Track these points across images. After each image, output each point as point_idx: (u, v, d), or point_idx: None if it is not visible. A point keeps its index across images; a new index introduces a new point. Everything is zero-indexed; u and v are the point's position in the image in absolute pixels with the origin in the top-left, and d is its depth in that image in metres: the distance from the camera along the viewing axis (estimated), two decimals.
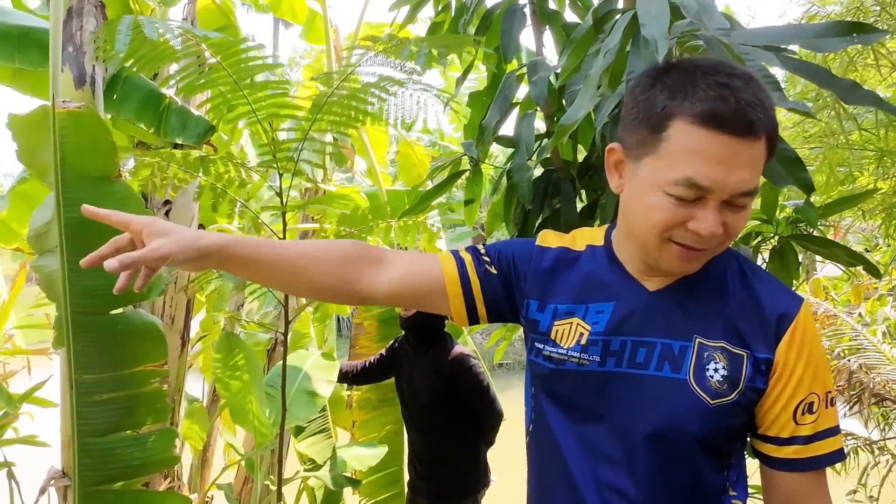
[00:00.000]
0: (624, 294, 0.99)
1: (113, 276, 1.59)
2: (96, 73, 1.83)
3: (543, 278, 1.06)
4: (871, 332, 3.78)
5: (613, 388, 0.98)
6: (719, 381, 0.94)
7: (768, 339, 0.94)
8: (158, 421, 1.70)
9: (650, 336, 0.96)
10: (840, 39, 1.21)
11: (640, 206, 0.92)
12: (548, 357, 1.03)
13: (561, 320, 1.03)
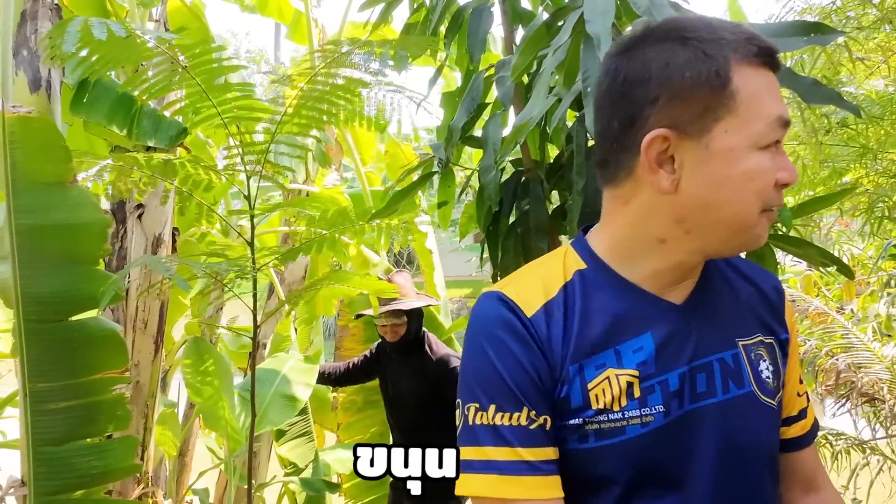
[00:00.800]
0: (655, 318, 0.81)
1: (63, 284, 1.57)
2: (52, 77, 1.81)
3: (554, 351, 0.80)
4: (861, 329, 3.75)
5: (685, 437, 0.79)
6: (770, 377, 0.85)
7: (779, 317, 0.89)
8: (120, 428, 1.67)
9: (702, 356, 0.81)
10: (797, 39, 1.19)
11: (733, 185, 0.75)
12: (598, 432, 0.78)
13: (593, 379, 0.79)
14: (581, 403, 0.78)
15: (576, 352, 0.79)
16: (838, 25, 2.35)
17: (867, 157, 2.37)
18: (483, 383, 0.80)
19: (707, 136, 0.74)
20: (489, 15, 1.86)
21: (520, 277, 0.88)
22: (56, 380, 1.56)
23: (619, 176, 0.81)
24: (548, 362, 0.79)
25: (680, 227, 0.79)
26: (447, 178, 1.93)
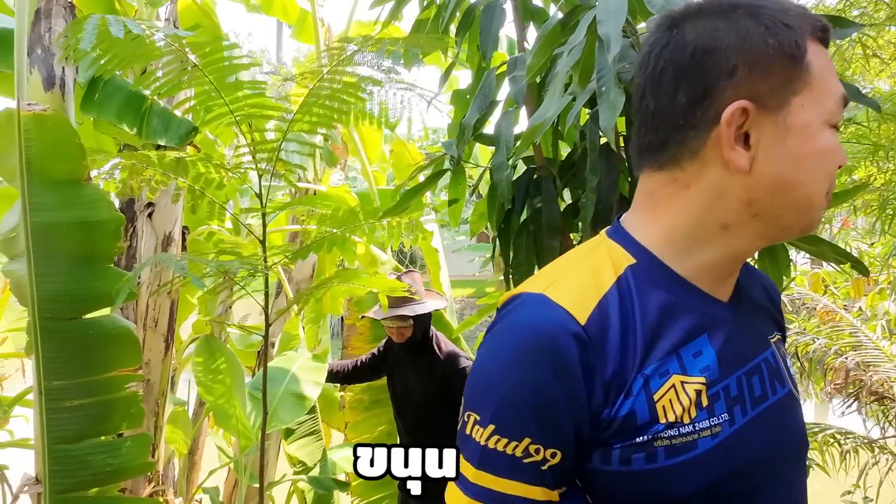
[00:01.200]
0: (710, 318, 0.75)
1: (78, 282, 1.57)
2: (66, 75, 1.81)
3: (611, 361, 0.70)
4: (870, 327, 3.74)
5: (753, 445, 0.73)
6: (793, 374, 0.84)
7: (781, 315, 0.90)
8: (133, 426, 1.68)
9: (753, 357, 0.77)
10: None
11: (810, 163, 0.70)
12: (669, 449, 0.69)
13: (659, 389, 0.70)
14: (648, 418, 0.69)
15: (640, 360, 0.70)
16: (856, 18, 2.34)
17: (878, 155, 2.37)
18: (498, 399, 0.71)
19: (785, 110, 0.69)
20: (501, 12, 1.85)
21: (564, 273, 0.77)
22: (70, 378, 1.56)
23: (681, 157, 0.73)
24: (601, 381, 0.69)
25: (748, 211, 0.72)
26: (458, 176, 1.92)
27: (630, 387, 0.69)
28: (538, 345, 0.70)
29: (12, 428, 3.57)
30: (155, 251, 2.44)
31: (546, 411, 0.69)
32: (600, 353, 0.70)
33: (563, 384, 0.69)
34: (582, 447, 0.71)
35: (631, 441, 0.69)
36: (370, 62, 2.01)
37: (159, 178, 1.96)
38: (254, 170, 2.01)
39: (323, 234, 2.19)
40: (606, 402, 0.69)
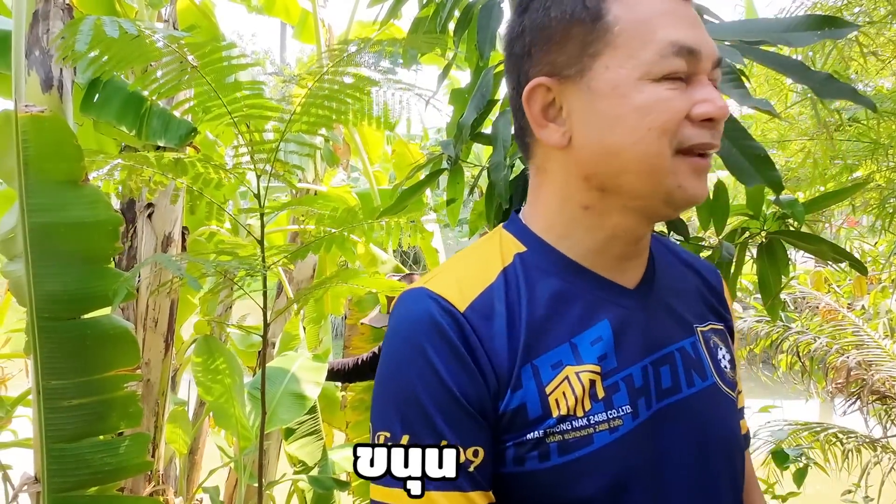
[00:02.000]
0: (610, 303, 0.70)
1: (76, 282, 1.58)
2: (64, 76, 1.82)
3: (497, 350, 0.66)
4: (872, 326, 3.73)
5: (657, 441, 0.67)
6: (729, 367, 0.76)
7: (724, 303, 0.83)
8: (132, 426, 1.68)
9: (664, 346, 0.71)
10: (811, 34, 1.17)
11: (626, 123, 0.65)
12: (562, 445, 0.64)
13: (551, 381, 0.65)
14: (541, 412, 0.64)
15: (527, 349, 0.66)
16: (854, 18, 2.33)
17: (878, 153, 2.36)
18: (399, 405, 0.65)
19: (588, 76, 0.66)
20: (499, 11, 1.85)
21: (448, 267, 0.74)
22: (69, 377, 1.57)
23: (529, 146, 0.74)
24: (490, 367, 0.65)
25: (591, 185, 0.69)
26: (456, 176, 1.93)
27: (518, 378, 0.65)
28: (425, 328, 0.66)
29: (16, 428, 3.59)
30: (155, 252, 2.45)
31: (451, 404, 0.64)
32: (485, 340, 0.65)
33: (463, 364, 0.64)
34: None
35: (522, 437, 0.64)
36: (369, 63, 2.01)
37: (158, 178, 1.97)
38: (252, 170, 2.01)
39: (321, 234, 2.20)
40: (498, 392, 0.65)
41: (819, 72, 1.19)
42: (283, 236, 3.69)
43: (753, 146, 1.15)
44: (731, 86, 0.98)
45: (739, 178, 1.19)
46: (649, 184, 0.66)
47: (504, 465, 0.65)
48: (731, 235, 1.60)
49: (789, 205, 1.53)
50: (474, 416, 0.64)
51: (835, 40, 2.14)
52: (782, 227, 1.57)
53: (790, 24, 1.19)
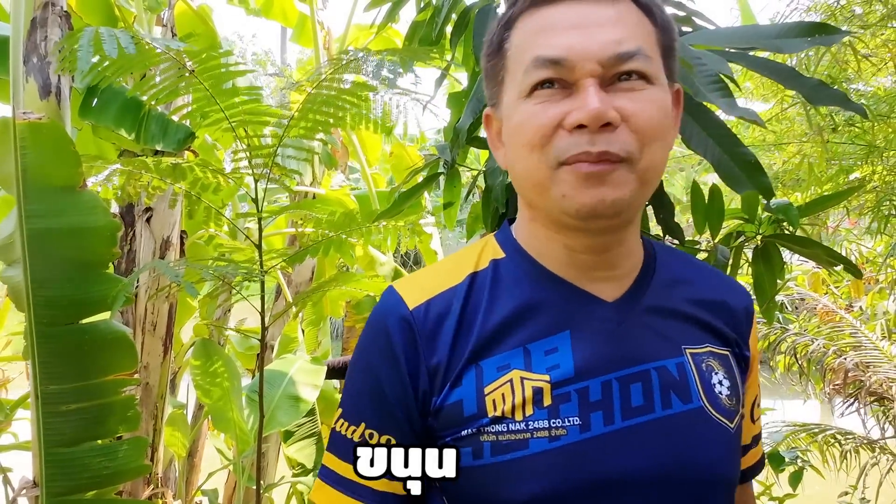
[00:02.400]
0: (578, 315, 0.69)
1: (74, 287, 1.59)
2: (62, 83, 1.83)
3: (439, 348, 0.69)
4: (870, 327, 3.74)
5: (615, 460, 0.65)
6: (727, 395, 0.72)
7: (742, 333, 0.78)
8: (129, 430, 1.70)
9: (638, 364, 0.68)
10: (801, 40, 1.18)
11: (511, 142, 0.69)
12: (495, 445, 0.65)
13: (492, 382, 0.66)
14: (475, 411, 0.66)
15: (476, 350, 0.68)
16: (843, 23, 2.35)
17: (874, 156, 2.37)
18: (347, 384, 0.75)
19: (502, 103, 0.71)
20: (494, 16, 1.86)
21: (427, 268, 0.80)
22: (67, 382, 1.58)
23: None
24: (425, 363, 0.68)
25: (523, 202, 0.74)
26: (453, 179, 1.93)
27: (459, 377, 0.67)
28: (373, 330, 0.73)
29: (16, 430, 3.60)
30: (153, 255, 2.46)
31: (378, 394, 0.70)
32: (428, 339, 0.69)
33: (389, 366, 0.69)
34: (424, 440, 0.69)
35: (458, 434, 0.66)
36: (367, 70, 2.02)
37: (156, 183, 1.98)
38: (250, 175, 2.02)
39: (319, 237, 2.21)
40: (432, 389, 0.68)
41: (810, 78, 1.20)
42: (281, 239, 3.70)
43: (744, 153, 1.16)
44: (717, 95, 0.98)
45: (730, 184, 1.20)
46: (541, 197, 0.68)
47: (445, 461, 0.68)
48: (726, 239, 1.60)
49: (784, 209, 1.54)
50: (394, 410, 0.69)
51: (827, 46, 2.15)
52: (777, 231, 1.58)
53: (781, 31, 1.19)
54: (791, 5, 2.23)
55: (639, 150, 0.64)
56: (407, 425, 0.69)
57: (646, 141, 0.64)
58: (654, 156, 0.65)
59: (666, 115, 0.67)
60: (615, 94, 0.63)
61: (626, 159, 0.63)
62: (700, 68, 1.05)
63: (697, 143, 1.15)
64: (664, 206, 1.45)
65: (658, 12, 0.69)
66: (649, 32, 0.67)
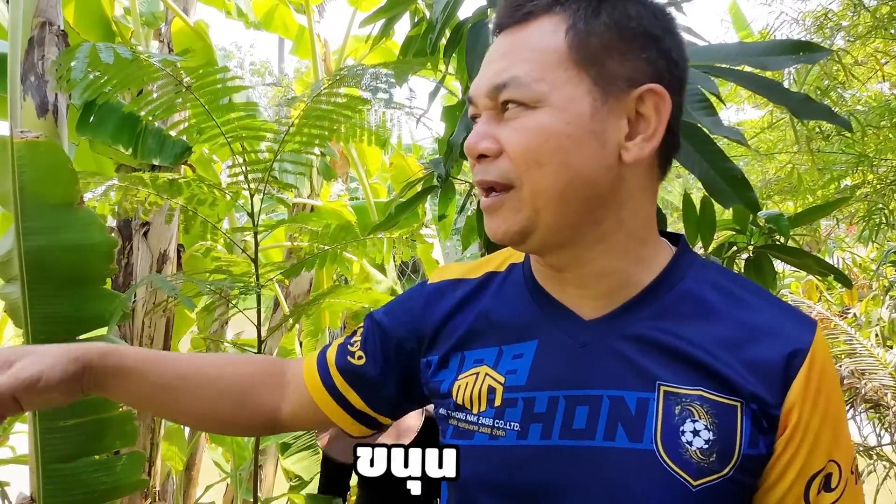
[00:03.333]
0: (548, 327, 0.70)
1: (71, 303, 1.60)
2: (59, 101, 1.85)
3: (444, 327, 0.78)
4: (864, 334, 3.75)
5: (548, 474, 0.65)
6: (703, 448, 0.62)
7: (772, 381, 0.64)
8: (127, 444, 1.70)
9: (592, 387, 0.66)
10: (786, 58, 1.21)
11: None
12: (455, 430, 0.72)
13: (465, 372, 0.73)
14: (446, 391, 0.74)
15: (464, 339, 0.76)
16: (832, 33, 2.38)
17: (864, 165, 2.39)
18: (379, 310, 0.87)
19: None
20: (487, 31, 1.88)
21: (460, 262, 0.88)
22: None
23: None
24: (420, 324, 0.79)
25: None
26: (447, 192, 1.95)
27: (446, 359, 0.76)
28: (409, 291, 0.86)
29: (14, 444, 3.60)
30: (150, 269, 2.47)
31: (382, 324, 0.82)
32: (427, 307, 0.80)
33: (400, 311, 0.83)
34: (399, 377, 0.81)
35: (439, 409, 0.76)
36: (363, 85, 2.04)
37: (153, 199, 2.00)
38: (247, 189, 2.04)
39: (315, 250, 2.22)
40: (422, 348, 0.79)
41: (796, 93, 1.22)
42: (279, 252, 3.72)
43: (730, 168, 1.18)
44: (703, 113, 1.00)
45: (718, 199, 1.22)
46: None
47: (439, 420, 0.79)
48: (718, 250, 1.63)
49: (775, 220, 1.56)
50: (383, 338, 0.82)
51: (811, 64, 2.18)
52: (769, 241, 1.60)
53: (766, 48, 1.22)
54: (779, 17, 2.26)
55: (517, 177, 0.65)
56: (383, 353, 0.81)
57: (520, 168, 0.64)
58: (535, 182, 0.64)
59: (546, 139, 0.63)
60: (502, 123, 0.66)
61: (512, 187, 0.65)
62: (686, 86, 1.07)
63: (685, 159, 1.17)
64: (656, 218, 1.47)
65: (583, 20, 0.65)
66: (549, 49, 0.64)
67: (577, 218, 0.66)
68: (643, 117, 0.66)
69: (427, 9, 2.05)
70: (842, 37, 2.39)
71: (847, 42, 2.48)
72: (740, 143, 1.03)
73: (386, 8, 2.02)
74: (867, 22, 2.33)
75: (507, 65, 0.65)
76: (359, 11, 3.87)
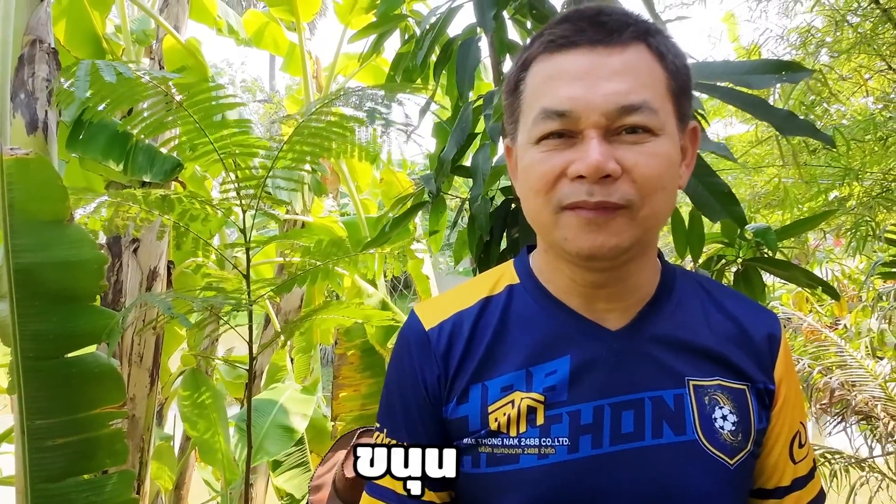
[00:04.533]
0: (579, 341, 0.73)
1: (61, 321, 1.59)
2: (49, 118, 1.85)
3: (461, 365, 0.75)
4: (854, 345, 3.77)
5: (599, 482, 0.68)
6: (732, 430, 0.71)
7: (764, 364, 0.76)
8: (117, 463, 1.68)
9: (633, 392, 0.71)
10: (769, 77, 1.23)
11: (519, 182, 0.74)
12: (490, 457, 0.70)
13: (496, 402, 0.72)
14: (479, 426, 0.72)
15: (480, 369, 0.73)
16: (816, 49, 2.42)
17: (849, 178, 2.43)
18: (383, 405, 0.81)
19: (517, 140, 0.74)
20: (476, 49, 1.90)
21: (446, 293, 0.84)
22: (54, 416, 1.57)
23: None
24: (437, 378, 0.75)
25: (539, 238, 0.78)
26: (438, 208, 1.96)
27: (466, 393, 0.73)
28: (398, 350, 0.80)
29: (1, 465, 3.54)
30: (140, 286, 2.46)
31: (406, 409, 0.77)
32: (442, 357, 0.75)
33: (412, 381, 0.76)
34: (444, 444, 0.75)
35: (461, 442, 0.73)
36: (355, 103, 2.06)
37: (144, 215, 2.00)
38: (239, 206, 2.04)
39: (306, 266, 2.22)
40: (443, 399, 0.75)
41: (780, 109, 1.24)
42: (270, 268, 3.71)
43: (718, 183, 1.20)
44: None
45: (706, 213, 1.24)
46: (545, 237, 0.74)
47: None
48: (707, 263, 1.64)
49: (762, 233, 1.58)
50: (420, 421, 0.76)
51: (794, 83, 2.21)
52: (757, 254, 1.61)
53: (751, 67, 1.24)
54: (765, 34, 2.30)
55: (640, 199, 0.66)
56: (434, 434, 0.75)
57: (646, 192, 0.66)
58: (655, 205, 0.68)
59: (670, 166, 0.68)
60: (619, 145, 0.66)
61: (625, 206, 0.66)
62: None
63: None
64: None
65: (671, 57, 0.70)
66: (658, 79, 0.68)
67: (655, 238, 0.74)
68: (684, 148, 0.73)
69: (417, 26, 2.08)
70: (826, 52, 2.43)
71: (831, 58, 2.53)
72: (727, 158, 1.04)
73: (376, 24, 2.04)
74: (850, 38, 2.37)
75: (633, 86, 0.66)
76: (349, 28, 3.90)
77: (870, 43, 2.32)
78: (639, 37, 0.68)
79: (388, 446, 0.76)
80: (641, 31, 0.69)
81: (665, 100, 0.69)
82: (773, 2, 3.35)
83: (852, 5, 2.46)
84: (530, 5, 1.76)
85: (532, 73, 0.71)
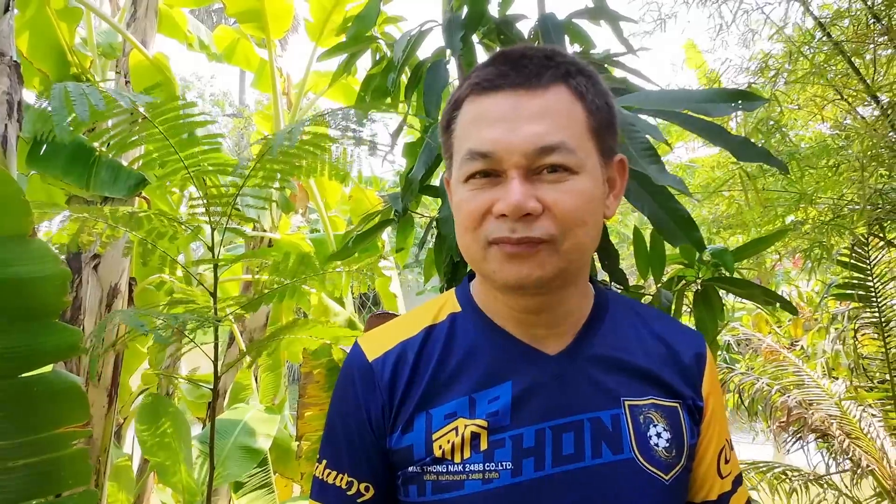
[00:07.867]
0: (520, 366, 0.76)
1: (21, 339, 1.55)
2: (9, 132, 1.82)
3: (407, 392, 0.77)
4: (811, 366, 3.88)
5: (542, 503, 0.71)
6: (666, 447, 0.75)
7: (693, 382, 0.80)
8: (80, 483, 1.63)
9: (572, 414, 0.73)
10: (725, 105, 1.29)
11: (455, 217, 0.77)
12: (435, 485, 0.72)
13: (440, 429, 0.73)
14: (423, 455, 0.73)
15: (424, 398, 0.75)
16: (775, 77, 2.52)
17: (804, 202, 2.52)
18: (326, 436, 0.82)
19: (452, 177, 0.77)
20: (445, 72, 1.93)
21: (388, 323, 0.86)
22: (13, 437, 1.52)
23: None
24: (381, 409, 0.76)
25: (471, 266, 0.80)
26: (405, 226, 1.98)
27: (411, 422, 0.75)
28: (342, 381, 0.81)
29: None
30: (100, 303, 2.41)
31: (351, 441, 0.78)
32: (386, 387, 0.77)
33: (356, 413, 0.78)
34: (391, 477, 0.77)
35: (406, 471, 0.75)
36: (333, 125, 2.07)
37: (110, 232, 1.97)
38: (207, 223, 2.03)
39: (273, 284, 2.21)
40: (387, 429, 0.76)
41: (736, 136, 1.30)
42: (236, 286, 3.67)
43: (678, 208, 1.25)
44: (648, 161, 1.06)
45: (667, 238, 1.28)
46: (477, 269, 0.76)
47: (399, 494, 0.77)
48: (668, 283, 1.68)
49: (719, 254, 1.63)
50: (366, 454, 0.77)
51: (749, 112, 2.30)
52: (716, 274, 1.66)
53: (708, 96, 1.30)
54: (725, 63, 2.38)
55: (561, 234, 0.70)
56: (379, 467, 0.77)
57: (567, 227, 0.70)
58: (576, 238, 0.71)
59: (589, 201, 0.71)
60: (540, 183, 0.70)
61: (548, 241, 0.70)
62: (633, 135, 1.13)
63: (636, 199, 1.23)
64: (610, 255, 1.52)
65: (590, 97, 0.74)
66: (577, 119, 0.72)
67: (584, 266, 0.77)
68: (611, 180, 0.77)
69: (388, 48, 2.10)
70: (784, 80, 2.53)
71: (787, 86, 2.63)
72: (682, 192, 1.09)
73: (345, 45, 2.06)
74: (805, 68, 2.48)
75: (549, 128, 0.70)
76: (319, 47, 3.92)
77: (822, 74, 2.43)
78: (558, 79, 0.72)
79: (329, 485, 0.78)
80: (561, 73, 0.72)
81: (584, 138, 0.72)
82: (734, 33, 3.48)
83: (807, 38, 2.57)
84: (498, 30, 1.80)
85: (462, 113, 0.75)
